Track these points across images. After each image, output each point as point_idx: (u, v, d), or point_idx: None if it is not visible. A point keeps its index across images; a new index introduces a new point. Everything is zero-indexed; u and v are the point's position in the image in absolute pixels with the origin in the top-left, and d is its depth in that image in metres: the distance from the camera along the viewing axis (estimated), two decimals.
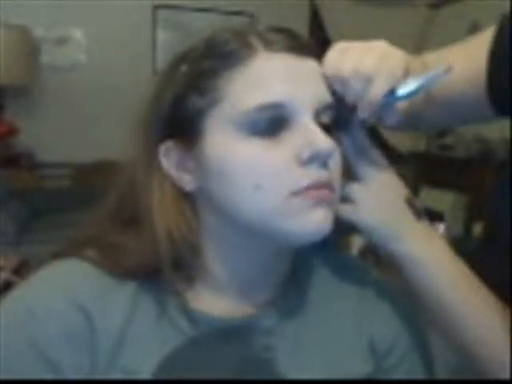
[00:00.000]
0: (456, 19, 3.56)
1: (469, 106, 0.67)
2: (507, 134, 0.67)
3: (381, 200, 0.59)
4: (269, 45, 0.54)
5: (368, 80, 0.54)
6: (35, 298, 0.55)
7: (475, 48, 0.66)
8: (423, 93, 0.69)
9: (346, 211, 0.59)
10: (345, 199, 0.59)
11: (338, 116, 0.57)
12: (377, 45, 0.57)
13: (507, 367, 0.56)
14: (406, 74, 0.56)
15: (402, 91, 0.55)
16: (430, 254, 0.59)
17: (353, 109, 0.57)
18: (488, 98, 0.65)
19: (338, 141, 0.57)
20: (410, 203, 0.60)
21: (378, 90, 0.54)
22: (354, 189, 0.59)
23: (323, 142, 0.52)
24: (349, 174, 0.59)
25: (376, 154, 0.60)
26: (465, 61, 0.66)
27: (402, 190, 0.61)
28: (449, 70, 0.55)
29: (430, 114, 0.71)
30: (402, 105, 0.57)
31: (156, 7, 3.70)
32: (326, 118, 0.55)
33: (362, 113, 0.56)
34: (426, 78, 0.55)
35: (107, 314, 0.55)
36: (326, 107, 0.55)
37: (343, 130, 0.58)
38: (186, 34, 3.61)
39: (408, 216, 0.60)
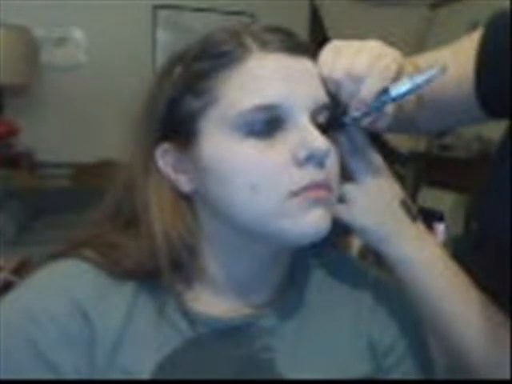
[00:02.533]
0: (456, 19, 3.55)
1: (461, 107, 0.67)
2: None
3: (375, 201, 0.59)
4: (263, 45, 0.54)
5: (360, 80, 0.54)
6: (34, 298, 0.55)
7: (466, 49, 0.66)
8: (415, 94, 0.69)
9: (340, 211, 0.59)
10: (339, 199, 0.59)
11: (334, 115, 0.57)
12: (370, 45, 0.57)
13: (499, 368, 0.56)
14: (400, 75, 0.56)
15: (396, 91, 0.55)
16: (420, 256, 0.59)
17: (346, 109, 0.57)
18: (477, 100, 0.65)
19: (335, 140, 0.57)
20: (405, 205, 0.60)
21: (369, 89, 0.54)
22: (349, 189, 0.59)
23: (319, 141, 0.52)
24: (345, 174, 0.59)
25: (372, 154, 0.60)
26: (456, 62, 0.66)
27: (398, 191, 0.61)
28: (444, 69, 0.54)
29: (423, 117, 0.71)
30: (392, 108, 0.56)
31: (156, 7, 3.70)
32: (322, 118, 0.55)
33: (354, 112, 0.56)
34: (421, 77, 0.54)
35: (106, 314, 0.55)
36: (322, 107, 0.55)
37: (339, 130, 0.58)
38: (186, 34, 3.61)
39: (402, 218, 0.60)
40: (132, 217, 0.58)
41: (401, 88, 0.54)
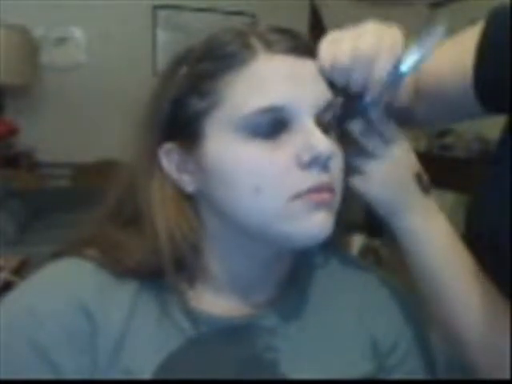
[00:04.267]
0: (456, 19, 3.56)
1: (459, 100, 0.67)
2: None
3: (389, 175, 0.60)
4: (269, 46, 0.54)
5: (369, 61, 0.53)
6: (36, 297, 0.55)
7: (466, 43, 0.66)
8: (413, 87, 0.69)
9: (356, 183, 0.60)
10: (356, 170, 0.60)
11: (351, 104, 0.56)
12: (370, 26, 0.56)
13: (497, 351, 0.57)
14: (404, 47, 0.55)
15: (408, 63, 0.54)
16: (427, 228, 0.60)
17: (358, 97, 0.56)
18: (474, 94, 0.65)
19: (340, 140, 0.57)
20: (419, 178, 0.61)
21: (381, 68, 0.53)
22: (365, 162, 0.59)
23: (324, 144, 0.52)
24: (360, 146, 0.59)
25: (388, 128, 0.59)
26: (455, 55, 0.66)
27: (413, 164, 0.61)
28: (443, 28, 0.53)
29: (421, 110, 0.71)
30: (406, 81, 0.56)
31: (156, 7, 3.70)
32: (328, 116, 0.55)
33: (371, 95, 0.55)
34: (427, 39, 0.53)
35: (108, 313, 0.55)
36: (327, 106, 0.55)
37: (361, 116, 0.57)
38: (186, 34, 3.61)
39: (414, 191, 0.60)
40: (134, 216, 0.58)
41: (411, 58, 0.54)
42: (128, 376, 0.53)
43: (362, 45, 0.54)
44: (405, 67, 0.54)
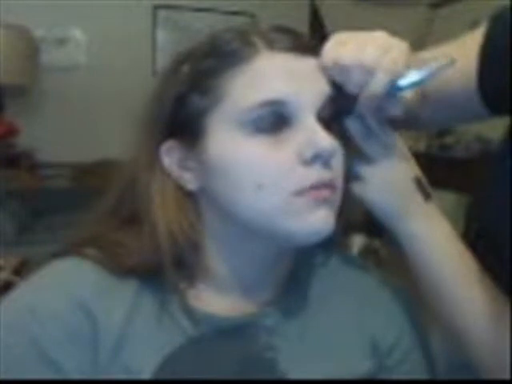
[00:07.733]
0: (456, 19, 3.55)
1: (464, 103, 0.67)
2: None
3: (387, 179, 0.60)
4: (271, 44, 0.54)
5: (369, 72, 0.53)
6: (36, 297, 0.55)
7: (470, 45, 0.66)
8: (420, 90, 0.69)
9: (355, 188, 0.60)
10: (355, 176, 0.60)
11: (342, 103, 0.56)
12: (377, 35, 0.56)
13: (502, 360, 0.57)
14: (408, 65, 0.55)
15: (404, 82, 0.54)
16: (429, 233, 0.60)
17: (354, 98, 0.56)
18: (479, 96, 0.65)
19: (341, 136, 0.57)
20: (419, 183, 0.61)
21: (378, 84, 0.53)
22: (363, 167, 0.60)
23: (326, 141, 0.52)
24: (359, 151, 0.59)
25: (385, 134, 0.59)
26: (460, 57, 0.66)
27: (411, 169, 0.61)
28: (453, 61, 0.54)
29: (426, 113, 0.71)
30: (410, 94, 0.56)
31: (156, 7, 3.70)
32: (328, 111, 0.55)
33: (363, 106, 0.56)
34: (429, 69, 0.54)
35: (109, 312, 0.55)
36: (327, 101, 0.55)
37: (348, 116, 0.58)
38: (186, 34, 3.61)
39: (413, 196, 0.60)
40: (134, 214, 0.58)
41: (409, 80, 0.54)
42: (128, 375, 0.53)
43: (366, 52, 0.54)
44: (403, 83, 0.54)
